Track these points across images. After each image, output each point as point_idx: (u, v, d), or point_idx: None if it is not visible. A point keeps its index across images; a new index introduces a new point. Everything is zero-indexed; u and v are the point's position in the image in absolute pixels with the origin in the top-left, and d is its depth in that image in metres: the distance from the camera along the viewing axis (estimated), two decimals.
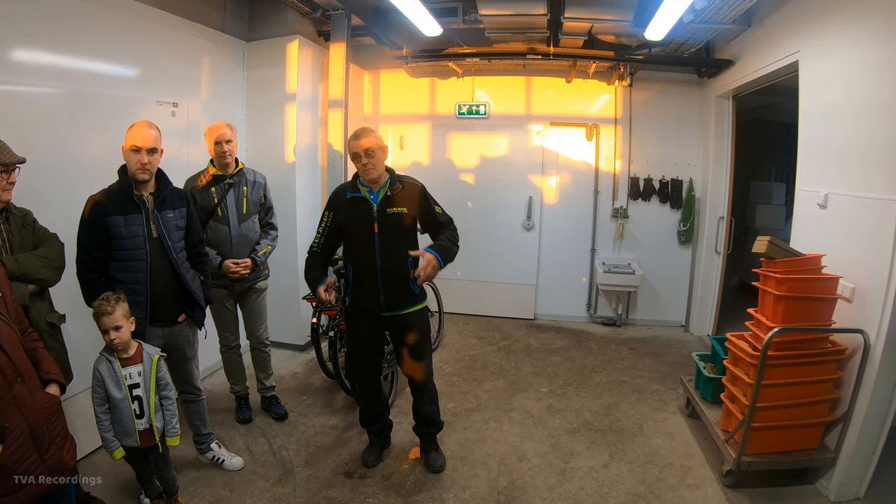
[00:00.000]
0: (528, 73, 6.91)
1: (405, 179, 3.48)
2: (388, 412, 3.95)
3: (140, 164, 3.03)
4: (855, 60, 3.48)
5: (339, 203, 3.45)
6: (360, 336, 3.61)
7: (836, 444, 3.37)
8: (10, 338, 2.17)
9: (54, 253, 2.89)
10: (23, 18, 3.25)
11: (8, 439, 2.04)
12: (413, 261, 3.26)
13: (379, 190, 3.37)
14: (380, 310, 3.45)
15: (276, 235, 4.26)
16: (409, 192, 3.43)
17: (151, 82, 4.30)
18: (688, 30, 5.12)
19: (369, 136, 3.29)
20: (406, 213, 3.38)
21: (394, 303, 3.44)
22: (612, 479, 3.65)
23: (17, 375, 2.12)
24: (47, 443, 2.22)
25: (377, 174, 3.33)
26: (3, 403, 2.05)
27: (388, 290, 3.39)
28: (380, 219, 3.33)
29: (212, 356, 4.98)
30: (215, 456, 3.68)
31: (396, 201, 3.37)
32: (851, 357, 3.34)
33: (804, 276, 3.32)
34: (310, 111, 5.76)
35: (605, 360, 5.76)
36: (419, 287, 3.45)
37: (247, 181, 4.06)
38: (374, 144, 3.27)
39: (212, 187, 3.96)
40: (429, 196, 3.52)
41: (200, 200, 3.94)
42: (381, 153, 3.32)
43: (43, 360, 2.43)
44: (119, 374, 2.84)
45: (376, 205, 3.34)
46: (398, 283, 3.39)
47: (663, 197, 6.73)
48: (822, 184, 3.75)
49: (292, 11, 5.36)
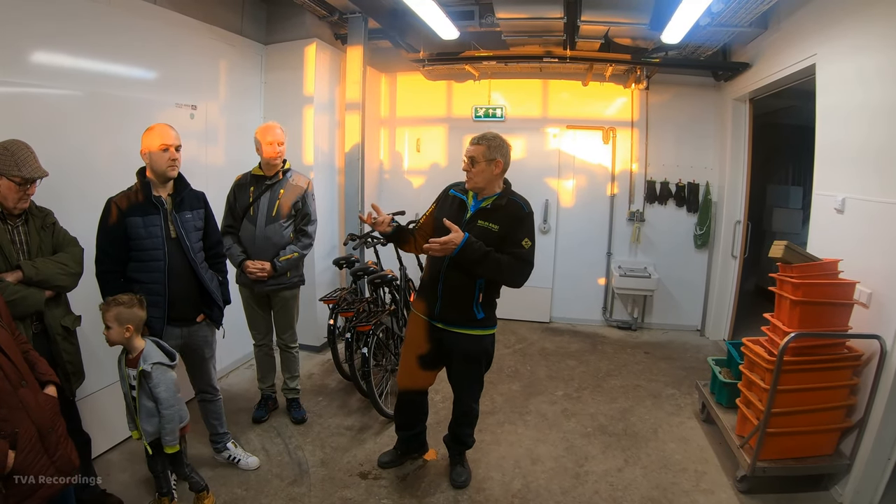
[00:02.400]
0: (544, 77, 6.92)
1: (515, 199, 3.26)
2: (424, 420, 3.79)
3: (171, 161, 3.12)
4: (872, 64, 3.46)
5: (444, 196, 3.42)
6: (413, 337, 3.51)
7: (852, 450, 3.33)
8: (8, 342, 2.18)
9: (73, 259, 2.90)
10: (42, 20, 3.30)
11: (19, 444, 2.05)
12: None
13: (482, 200, 3.23)
14: (432, 318, 3.33)
15: (307, 244, 4.16)
16: (510, 210, 3.21)
17: (170, 85, 4.35)
18: (704, 33, 5.11)
19: (478, 144, 3.16)
20: (496, 232, 3.14)
21: (448, 318, 3.29)
22: (627, 483, 3.64)
23: (20, 379, 2.13)
24: (54, 444, 2.23)
25: (473, 185, 3.20)
26: (11, 409, 2.05)
27: (445, 302, 3.25)
28: (468, 227, 3.16)
29: (230, 356, 5.05)
30: (231, 455, 3.72)
31: (492, 216, 3.18)
32: (868, 363, 3.31)
33: (821, 280, 3.29)
34: (327, 114, 5.81)
35: (620, 364, 5.75)
36: (484, 312, 3.29)
37: (287, 184, 4.05)
38: (479, 154, 3.14)
39: (251, 186, 4.02)
40: (526, 224, 3.21)
41: (239, 197, 4.03)
42: (486, 165, 3.14)
43: (37, 361, 2.43)
44: (123, 371, 2.92)
45: (471, 212, 3.22)
46: (458, 301, 3.23)
47: (679, 200, 6.71)
48: (840, 188, 3.73)
49: (310, 15, 5.40)
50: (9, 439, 2.02)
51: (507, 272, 3.13)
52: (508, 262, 3.11)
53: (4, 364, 2.08)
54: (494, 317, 3.40)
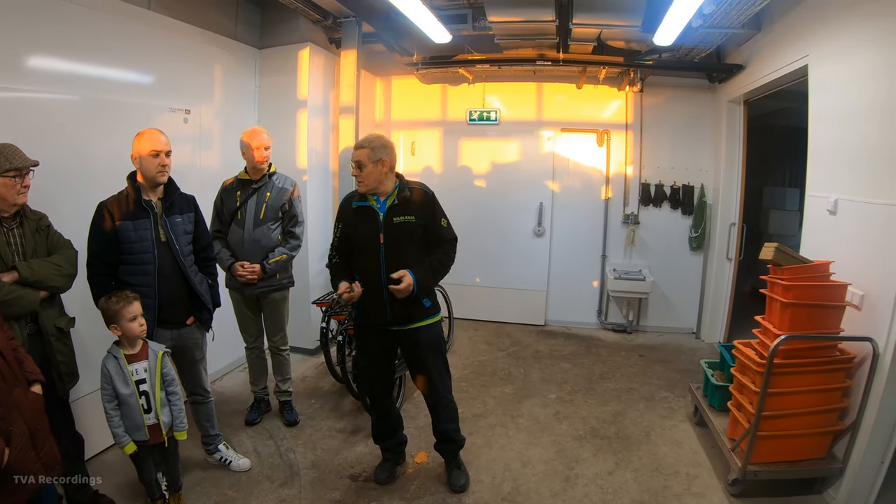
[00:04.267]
0: (538, 79, 6.93)
1: (413, 186, 3.36)
2: (401, 427, 3.81)
3: (161, 167, 3.15)
4: (864, 64, 3.45)
5: (346, 212, 3.40)
6: (369, 350, 3.51)
7: (845, 453, 3.31)
8: (2, 342, 2.22)
9: (67, 261, 2.95)
10: (38, 26, 3.32)
11: (13, 442, 2.08)
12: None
13: (386, 198, 3.28)
14: (387, 324, 3.34)
15: (295, 245, 4.17)
16: (417, 198, 3.32)
17: (164, 89, 4.37)
18: (697, 35, 5.12)
19: (361, 148, 3.22)
20: (414, 222, 3.27)
21: (401, 317, 3.32)
22: (617, 486, 3.63)
23: (15, 379, 2.17)
24: (41, 441, 2.27)
25: (366, 187, 3.25)
26: (7, 408, 2.09)
27: (394, 304, 3.27)
28: (386, 229, 3.24)
29: (223, 358, 5.05)
30: (223, 457, 3.73)
31: (404, 209, 3.26)
32: (860, 365, 3.30)
33: (811, 283, 3.29)
34: (321, 117, 5.82)
35: (614, 367, 5.74)
36: (430, 300, 3.38)
37: (273, 186, 4.06)
38: (363, 157, 3.18)
39: (237, 190, 4.04)
40: (437, 205, 3.41)
41: (226, 202, 4.05)
42: (373, 166, 3.19)
43: (24, 359, 2.47)
44: (126, 371, 2.91)
45: (383, 214, 3.25)
46: (405, 299, 3.25)
47: (674, 203, 6.70)
48: (832, 189, 3.72)
49: (304, 19, 5.41)
50: (4, 437, 2.05)
51: (448, 263, 3.43)
52: (442, 254, 3.40)
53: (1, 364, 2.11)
54: (437, 302, 3.53)
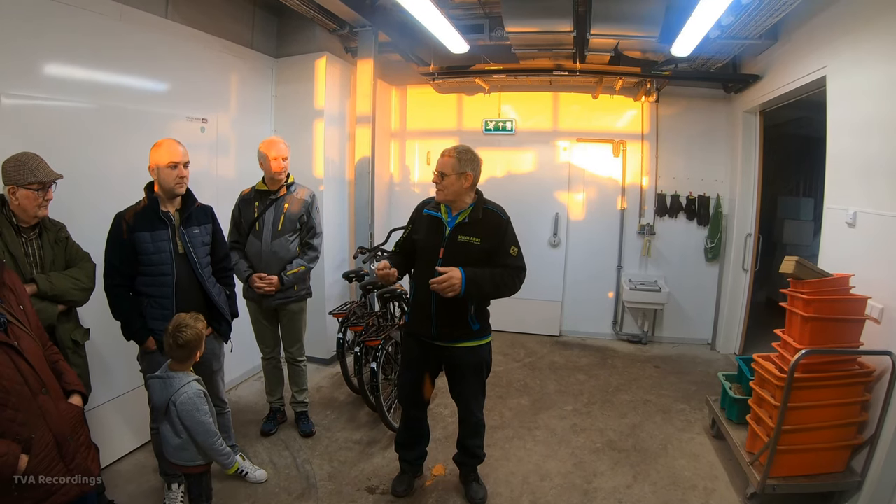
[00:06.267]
0: (554, 90, 6.93)
1: (491, 207, 3.27)
2: (426, 441, 3.77)
3: (179, 178, 3.14)
4: (883, 76, 3.43)
5: (418, 217, 3.39)
6: (411, 359, 3.49)
7: (863, 467, 3.28)
8: (34, 350, 2.22)
9: (86, 274, 2.96)
10: (55, 34, 3.34)
11: (34, 450, 2.08)
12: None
13: (458, 214, 3.21)
14: (430, 338, 3.31)
15: (313, 257, 4.16)
16: (488, 221, 3.21)
17: (181, 98, 4.40)
18: (714, 45, 5.09)
19: (446, 157, 3.15)
20: (478, 245, 3.16)
21: (445, 334, 3.27)
22: (636, 500, 3.60)
23: (41, 387, 2.16)
24: (72, 452, 2.25)
25: (443, 198, 3.18)
26: (29, 415, 2.08)
27: (440, 321, 3.22)
28: (448, 245, 3.17)
29: (239, 368, 5.07)
30: (239, 468, 3.71)
31: (472, 230, 3.17)
32: (879, 379, 3.26)
33: (832, 296, 3.26)
34: (337, 126, 5.84)
35: (630, 379, 5.71)
36: (479, 323, 3.30)
37: (291, 198, 4.06)
38: (448, 167, 3.11)
39: (255, 201, 4.03)
40: (509, 232, 3.24)
41: (244, 212, 4.05)
42: (456, 178, 3.11)
43: (65, 371, 2.48)
44: None
45: (449, 229, 3.19)
46: (453, 316, 3.20)
47: (690, 213, 6.67)
48: (851, 202, 3.69)
49: (320, 28, 5.44)
50: (23, 444, 2.04)
51: (508, 286, 3.19)
52: (502, 275, 3.16)
53: (26, 370, 2.11)
54: (489, 325, 3.41)
